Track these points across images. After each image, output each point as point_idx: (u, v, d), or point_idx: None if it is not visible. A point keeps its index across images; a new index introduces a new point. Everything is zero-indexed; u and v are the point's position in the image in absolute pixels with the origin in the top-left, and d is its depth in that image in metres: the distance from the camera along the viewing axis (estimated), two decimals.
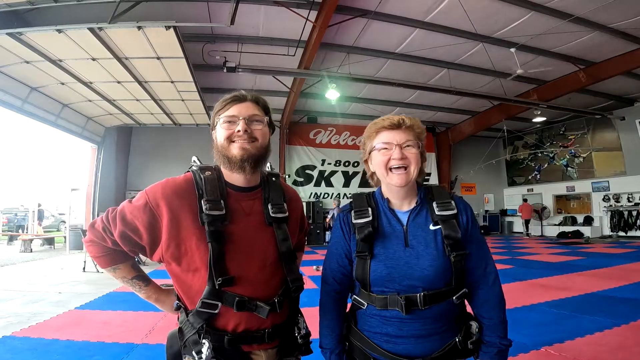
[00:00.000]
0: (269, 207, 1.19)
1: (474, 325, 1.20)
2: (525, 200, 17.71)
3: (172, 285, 1.20)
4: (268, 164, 1.29)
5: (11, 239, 14.85)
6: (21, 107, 8.89)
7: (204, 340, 1.05)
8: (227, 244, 1.08)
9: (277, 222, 1.19)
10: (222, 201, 1.10)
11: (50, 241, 13.51)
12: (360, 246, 1.18)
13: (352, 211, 1.24)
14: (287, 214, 1.22)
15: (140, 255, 1.19)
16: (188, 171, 1.19)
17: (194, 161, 1.21)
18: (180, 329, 1.12)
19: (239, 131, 1.11)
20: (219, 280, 1.04)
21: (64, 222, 17.32)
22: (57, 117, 10.16)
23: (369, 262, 1.17)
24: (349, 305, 1.30)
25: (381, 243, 1.18)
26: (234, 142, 1.12)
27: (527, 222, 16.98)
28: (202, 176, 1.13)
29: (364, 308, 1.20)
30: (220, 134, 1.14)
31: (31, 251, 11.68)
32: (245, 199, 1.18)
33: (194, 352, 1.05)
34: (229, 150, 1.12)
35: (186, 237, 1.07)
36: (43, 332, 3.67)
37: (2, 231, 16.77)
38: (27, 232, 15.60)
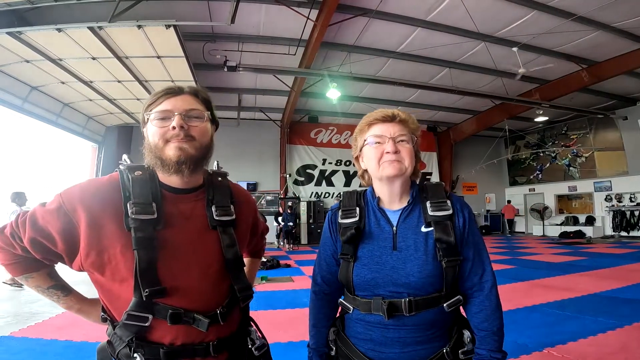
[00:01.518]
0: (213, 209, 1.06)
1: (467, 333, 1.11)
2: (509, 201, 18.79)
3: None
4: (215, 163, 1.18)
5: None
6: (21, 107, 8.90)
7: (135, 355, 0.93)
8: (160, 251, 0.95)
9: (222, 226, 1.06)
10: (153, 204, 0.97)
11: None
12: (344, 248, 1.13)
13: (340, 210, 1.19)
14: (233, 216, 1.10)
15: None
16: (115, 171, 1.05)
17: (124, 160, 1.07)
18: (109, 342, 1.00)
19: (174, 128, 0.98)
20: (146, 292, 0.91)
21: None
22: (58, 117, 10.17)
23: (352, 265, 1.11)
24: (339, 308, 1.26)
25: (367, 245, 1.11)
26: (169, 141, 0.99)
27: (510, 222, 18.43)
28: (130, 176, 1.00)
29: (350, 312, 1.15)
30: (152, 132, 1.00)
31: None
32: (184, 202, 1.04)
33: None
34: (162, 152, 0.98)
35: (109, 245, 0.94)
36: (42, 333, 3.66)
37: None
38: None
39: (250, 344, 1.12)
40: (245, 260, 1.28)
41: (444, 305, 1.06)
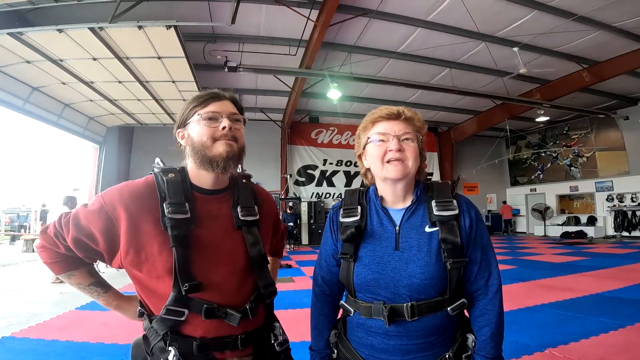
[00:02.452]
0: (238, 209, 1.13)
1: (471, 338, 1.08)
2: (504, 202, 19.16)
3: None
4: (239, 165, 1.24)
5: (13, 238, 14.90)
6: (22, 107, 8.91)
7: (170, 348, 0.99)
8: (193, 249, 1.02)
9: (246, 226, 1.13)
10: (186, 204, 1.04)
11: None
12: (344, 247, 1.10)
13: (341, 209, 1.16)
14: (257, 217, 1.16)
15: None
16: (150, 173, 1.11)
17: (157, 163, 1.14)
18: (145, 336, 1.06)
19: (224, 128, 1.06)
20: (186, 287, 0.97)
21: None
22: (59, 117, 10.17)
23: (352, 265, 1.08)
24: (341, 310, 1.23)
25: (369, 245, 1.08)
26: (218, 140, 1.06)
27: (507, 222, 18.75)
28: (164, 178, 1.06)
29: (352, 316, 1.12)
30: (200, 131, 1.07)
31: (33, 251, 11.70)
32: (212, 202, 1.11)
33: None
34: (211, 150, 1.06)
35: (147, 243, 1.00)
36: (43, 333, 3.66)
37: (5, 231, 16.83)
38: (29, 232, 15.63)
39: (273, 339, 1.17)
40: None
41: (448, 309, 1.03)
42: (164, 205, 1.01)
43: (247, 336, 1.08)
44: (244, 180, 1.21)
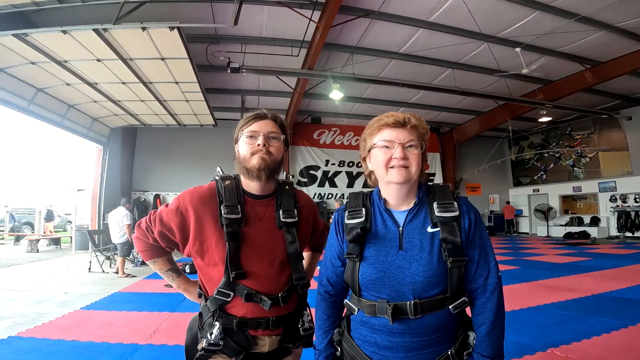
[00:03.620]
0: (280, 212, 1.33)
1: (472, 336, 1.11)
2: (507, 202, 19.27)
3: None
4: (283, 173, 1.44)
5: (18, 239, 14.99)
6: (27, 108, 8.95)
7: (216, 322, 1.23)
8: (242, 244, 1.25)
9: (286, 226, 1.33)
10: (239, 206, 1.27)
11: (56, 241, 13.61)
12: (350, 248, 1.14)
13: (346, 211, 1.21)
14: (296, 219, 1.36)
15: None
16: (213, 180, 1.36)
17: (218, 171, 1.42)
18: (200, 314, 1.31)
19: (258, 145, 1.27)
20: (233, 274, 1.21)
21: (70, 222, 17.44)
22: (63, 118, 10.23)
23: (358, 264, 1.12)
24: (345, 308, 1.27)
25: (373, 245, 1.12)
26: (254, 154, 1.27)
27: (509, 222, 18.84)
28: (222, 185, 1.31)
29: (355, 314, 1.15)
30: (243, 148, 1.31)
31: (37, 251, 11.77)
32: (259, 205, 1.33)
33: (208, 334, 1.22)
34: (248, 162, 1.28)
35: (208, 237, 1.25)
36: (48, 333, 3.69)
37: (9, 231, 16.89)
38: (33, 232, 15.70)
39: (300, 324, 1.36)
40: (307, 254, 1.62)
41: (450, 307, 1.06)
42: (222, 207, 1.26)
43: (278, 319, 1.28)
44: (287, 187, 1.42)
